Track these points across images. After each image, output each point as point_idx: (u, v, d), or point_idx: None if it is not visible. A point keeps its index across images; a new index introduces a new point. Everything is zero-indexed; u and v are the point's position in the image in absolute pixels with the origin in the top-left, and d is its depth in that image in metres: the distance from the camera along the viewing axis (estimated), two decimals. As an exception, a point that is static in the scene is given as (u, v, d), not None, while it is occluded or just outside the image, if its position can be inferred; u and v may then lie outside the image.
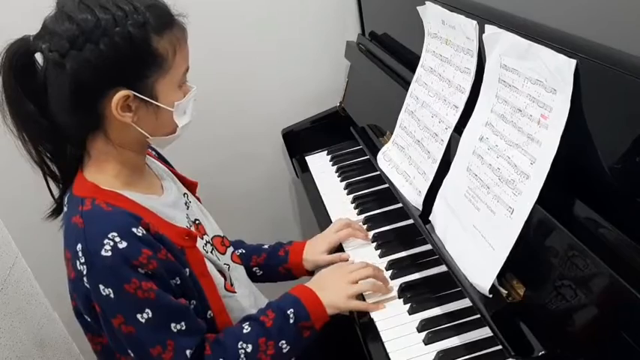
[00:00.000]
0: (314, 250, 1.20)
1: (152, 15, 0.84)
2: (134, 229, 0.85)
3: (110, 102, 0.84)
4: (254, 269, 1.22)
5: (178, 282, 0.90)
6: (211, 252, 1.03)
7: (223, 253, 1.08)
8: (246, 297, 1.07)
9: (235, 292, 1.04)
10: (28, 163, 0.92)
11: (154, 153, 1.10)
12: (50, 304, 1.52)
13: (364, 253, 1.18)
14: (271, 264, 1.21)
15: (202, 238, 1.02)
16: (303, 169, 1.59)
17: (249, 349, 0.93)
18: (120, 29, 0.81)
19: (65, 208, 0.93)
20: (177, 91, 0.90)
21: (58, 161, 0.94)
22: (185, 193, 1.06)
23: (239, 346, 0.93)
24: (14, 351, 1.24)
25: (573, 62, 0.70)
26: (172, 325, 0.87)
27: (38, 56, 0.86)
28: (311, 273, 1.22)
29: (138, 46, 0.83)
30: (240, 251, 1.21)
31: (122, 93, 0.84)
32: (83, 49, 0.81)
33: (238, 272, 1.10)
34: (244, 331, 0.95)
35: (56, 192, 0.98)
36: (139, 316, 0.85)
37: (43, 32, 0.84)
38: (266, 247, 1.24)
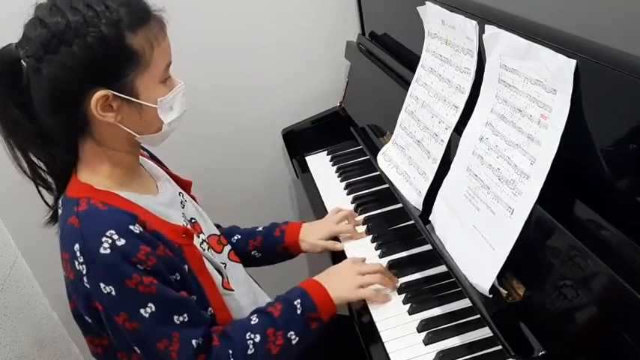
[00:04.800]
0: (312, 234, 1.23)
1: (126, 12, 0.84)
2: (131, 227, 0.85)
3: (90, 103, 0.84)
4: (252, 253, 1.24)
5: (178, 278, 0.90)
6: (208, 250, 1.04)
7: (220, 252, 1.08)
8: (244, 295, 1.07)
9: (233, 290, 1.04)
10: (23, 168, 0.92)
11: (146, 154, 1.10)
12: (50, 304, 1.52)
13: (364, 253, 1.18)
14: (268, 245, 1.23)
15: (199, 237, 1.03)
16: (303, 169, 1.59)
17: (257, 339, 0.93)
18: (92, 29, 0.81)
19: (60, 211, 0.92)
20: (159, 87, 0.90)
21: (48, 167, 0.94)
22: (180, 192, 1.07)
23: (247, 337, 0.93)
24: (14, 351, 1.24)
25: (573, 62, 0.70)
26: (175, 317, 0.87)
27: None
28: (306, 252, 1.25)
29: (112, 45, 0.83)
30: (236, 237, 1.23)
31: (100, 93, 0.84)
32: (57, 52, 0.81)
33: (236, 270, 1.10)
34: (252, 322, 0.96)
35: (48, 198, 0.98)
36: (142, 311, 0.85)
37: (22, 39, 0.85)
38: (260, 229, 1.26)
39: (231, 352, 0.92)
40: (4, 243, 1.39)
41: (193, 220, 1.05)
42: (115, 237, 0.83)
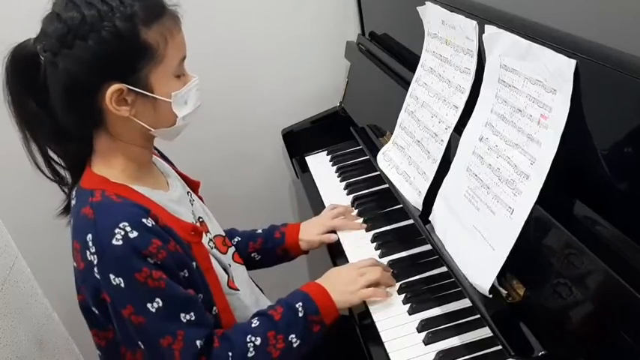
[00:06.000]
0: (309, 231, 1.25)
1: (140, 7, 0.84)
2: (144, 220, 0.86)
3: (105, 97, 0.85)
4: (252, 255, 1.25)
5: (186, 274, 0.91)
6: (214, 249, 1.04)
7: (224, 253, 1.08)
8: (247, 296, 1.08)
9: (238, 290, 1.04)
10: (29, 164, 0.93)
11: (156, 152, 1.11)
12: (50, 304, 1.52)
13: (364, 253, 1.18)
14: (268, 247, 1.25)
15: (206, 236, 1.03)
16: (303, 169, 1.59)
17: (257, 342, 0.93)
18: (107, 23, 0.82)
19: (73, 202, 0.93)
20: (173, 82, 0.90)
21: (64, 160, 0.95)
22: (188, 192, 1.07)
23: (248, 340, 0.93)
24: (14, 351, 1.24)
25: (573, 62, 0.70)
26: (182, 315, 0.88)
27: None
28: (306, 252, 1.27)
29: (126, 39, 0.84)
30: (236, 239, 1.24)
31: (115, 87, 0.85)
32: (73, 46, 0.82)
33: (239, 272, 1.11)
34: (253, 325, 0.96)
35: (57, 191, 0.98)
36: (149, 305, 0.85)
37: (40, 33, 0.86)
38: (260, 231, 1.27)
39: (230, 354, 0.91)
40: (4, 243, 1.39)
41: (201, 219, 1.05)
42: (128, 229, 0.84)
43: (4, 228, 1.44)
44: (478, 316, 0.89)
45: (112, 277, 0.84)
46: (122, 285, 0.84)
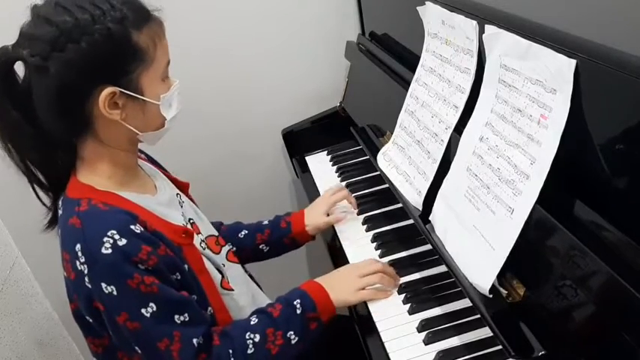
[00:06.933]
0: (314, 214, 1.27)
1: (129, 10, 0.85)
2: (132, 227, 0.86)
3: (97, 101, 0.85)
4: (260, 246, 1.26)
5: (179, 277, 0.91)
6: (207, 249, 1.04)
7: (218, 253, 1.08)
8: (243, 295, 1.08)
9: (232, 290, 1.04)
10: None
11: (143, 156, 1.11)
12: (50, 304, 1.52)
13: (364, 253, 1.18)
14: (276, 237, 1.26)
15: (198, 236, 1.03)
16: (303, 169, 1.59)
17: (257, 339, 0.94)
18: (99, 26, 0.82)
19: (60, 212, 0.93)
20: (161, 85, 0.91)
21: (47, 170, 0.94)
22: (178, 194, 1.07)
23: (247, 337, 0.94)
24: (14, 351, 1.24)
25: (573, 62, 0.70)
26: (176, 316, 0.88)
27: (16, 66, 0.86)
28: (313, 238, 1.28)
29: (119, 42, 0.84)
30: (243, 232, 1.26)
31: (108, 90, 0.84)
32: (65, 49, 0.81)
33: (234, 271, 1.11)
34: (252, 322, 0.97)
35: (46, 201, 0.97)
36: (143, 310, 0.85)
37: (21, 40, 0.84)
38: (266, 222, 1.28)
39: (231, 351, 0.92)
40: (4, 243, 1.39)
41: (191, 221, 1.05)
42: (117, 237, 0.83)
43: (4, 228, 1.44)
44: (478, 316, 0.89)
45: (103, 285, 0.84)
46: (115, 293, 0.84)
